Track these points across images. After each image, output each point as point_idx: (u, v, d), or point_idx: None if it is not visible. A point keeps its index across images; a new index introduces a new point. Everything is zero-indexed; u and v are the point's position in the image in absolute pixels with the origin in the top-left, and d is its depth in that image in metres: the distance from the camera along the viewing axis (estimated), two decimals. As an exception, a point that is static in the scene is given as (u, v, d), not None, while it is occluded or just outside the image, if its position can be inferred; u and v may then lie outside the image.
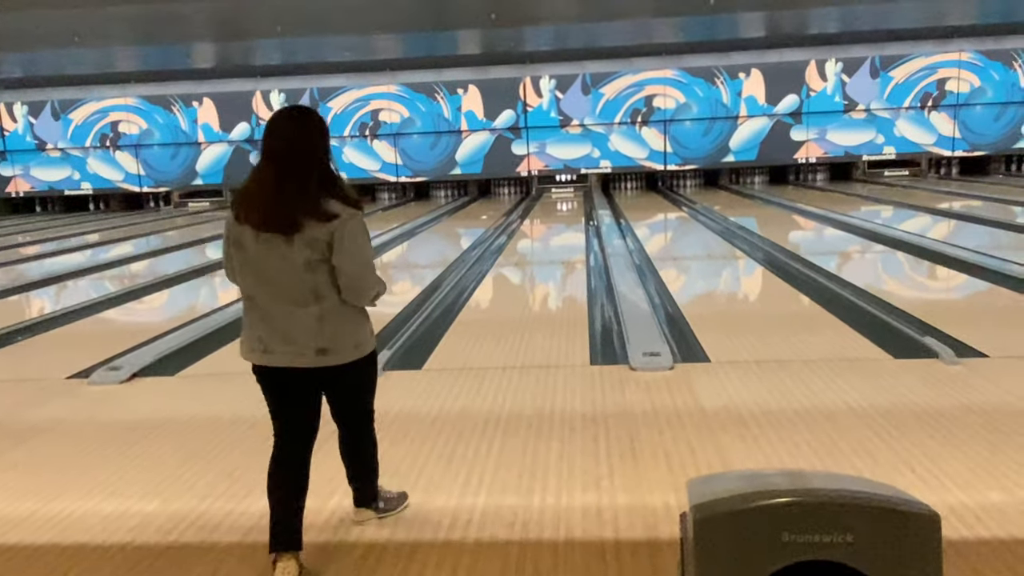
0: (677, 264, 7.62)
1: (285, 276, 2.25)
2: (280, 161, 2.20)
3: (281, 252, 2.24)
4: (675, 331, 5.03)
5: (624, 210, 12.61)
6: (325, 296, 2.26)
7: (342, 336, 2.30)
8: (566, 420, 3.51)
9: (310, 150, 2.21)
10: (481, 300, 6.36)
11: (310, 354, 2.29)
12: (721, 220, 10.61)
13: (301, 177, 2.20)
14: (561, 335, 4.98)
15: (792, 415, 3.46)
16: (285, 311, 2.27)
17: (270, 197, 2.20)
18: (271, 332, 2.29)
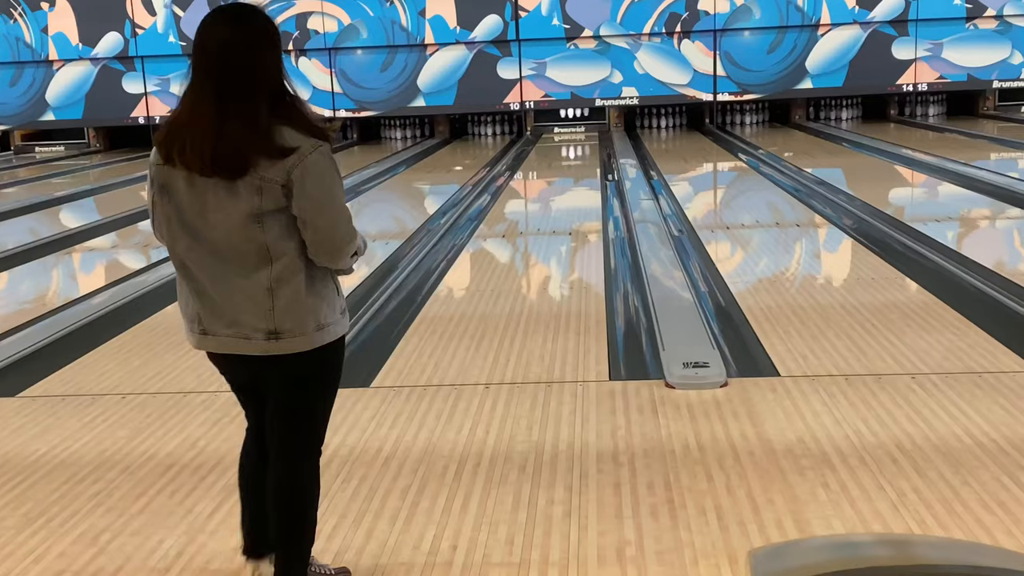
0: (732, 235, 7.62)
1: (226, 233, 2.32)
2: (218, 80, 2.25)
3: (222, 201, 2.30)
4: (729, 332, 5.03)
5: (656, 159, 12.61)
6: (278, 258, 2.33)
7: (300, 312, 2.36)
8: (575, 460, 3.51)
9: (257, 64, 2.27)
10: (454, 287, 6.35)
11: (258, 338, 2.37)
12: (794, 173, 10.63)
13: (247, 100, 2.25)
14: (568, 337, 4.98)
15: (896, 452, 3.46)
16: (226, 281, 2.35)
17: (208, 129, 2.26)
18: (210, 309, 2.40)
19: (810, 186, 9.66)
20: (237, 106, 2.25)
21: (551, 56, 15.77)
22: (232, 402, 4.19)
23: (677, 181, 10.86)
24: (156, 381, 4.61)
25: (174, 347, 5.15)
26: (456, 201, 9.81)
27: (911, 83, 15.61)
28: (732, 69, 15.69)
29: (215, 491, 3.37)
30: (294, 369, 2.43)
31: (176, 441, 3.85)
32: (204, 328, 2.43)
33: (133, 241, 8.76)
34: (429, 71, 15.90)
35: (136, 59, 16.13)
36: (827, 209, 8.48)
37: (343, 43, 15.84)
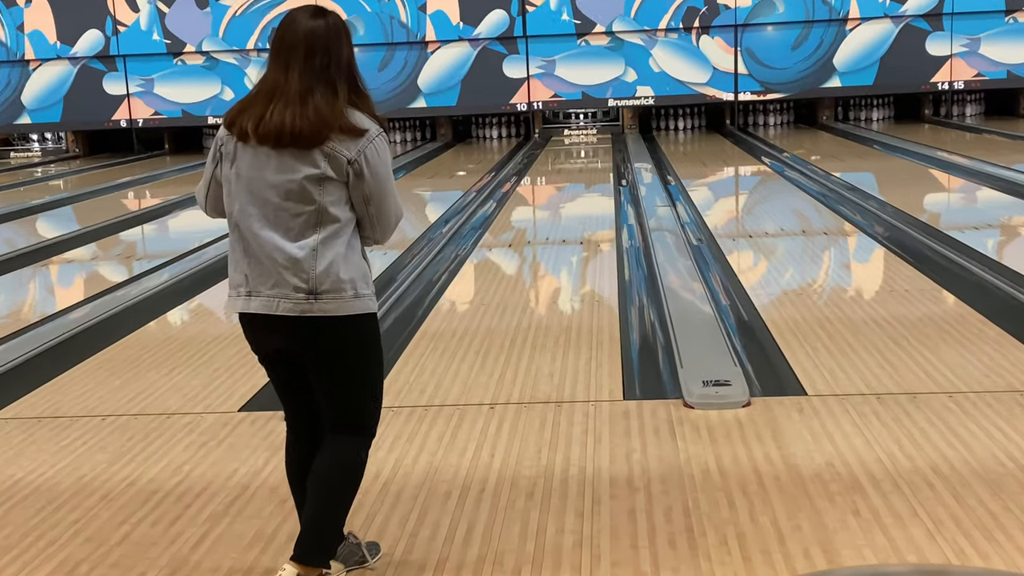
0: (755, 244, 7.62)
1: (286, 194, 2.65)
2: (305, 62, 2.65)
3: (288, 165, 2.65)
4: (752, 347, 5.02)
5: (674, 162, 12.62)
6: (327, 224, 2.67)
7: (339, 276, 2.67)
8: (587, 485, 3.50)
9: (340, 51, 2.70)
10: (457, 300, 6.35)
11: (298, 298, 2.66)
12: (822, 177, 10.63)
13: (330, 81, 2.67)
14: (579, 353, 4.98)
15: (932, 477, 3.45)
16: (275, 241, 2.66)
17: (294, 103, 2.63)
18: (257, 270, 2.70)
19: (839, 191, 9.66)
20: (322, 85, 2.65)
21: (561, 54, 15.80)
22: (220, 424, 4.20)
23: (696, 186, 10.86)
24: (138, 402, 4.61)
25: (157, 365, 5.16)
26: (459, 208, 9.83)
27: (946, 81, 15.60)
28: (754, 67, 15.70)
29: (201, 520, 3.37)
30: (333, 337, 2.69)
31: (159, 466, 3.85)
32: (250, 289, 2.70)
33: (114, 252, 8.79)
34: (430, 70, 15.94)
35: (118, 58, 16.21)
36: (857, 216, 8.48)
37: (338, 40, 15.88)
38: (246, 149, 2.68)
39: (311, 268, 2.65)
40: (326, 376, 2.75)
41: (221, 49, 16.00)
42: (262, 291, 2.70)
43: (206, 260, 7.62)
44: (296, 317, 2.67)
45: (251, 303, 2.71)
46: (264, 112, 2.65)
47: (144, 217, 10.73)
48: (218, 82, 16.04)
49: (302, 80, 2.65)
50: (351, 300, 2.69)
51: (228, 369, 5.01)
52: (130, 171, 14.68)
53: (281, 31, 2.70)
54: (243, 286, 2.72)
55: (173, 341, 5.67)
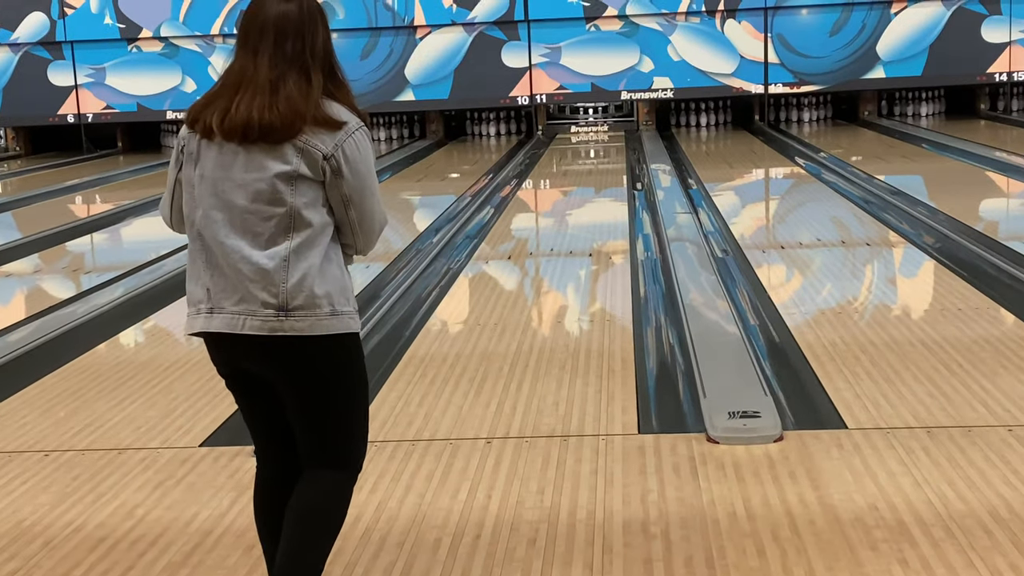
0: (787, 257, 7.63)
1: (255, 195, 2.65)
2: (275, 47, 2.67)
3: (257, 161, 2.65)
4: (785, 374, 5.02)
5: (695, 164, 12.64)
6: (300, 229, 2.66)
7: (313, 290, 2.65)
8: (597, 531, 3.49)
9: (315, 35, 2.72)
10: (449, 320, 6.36)
11: (267, 314, 2.65)
12: (863, 180, 10.64)
13: (304, 68, 2.68)
14: (588, 381, 4.98)
15: (989, 522, 3.45)
16: (242, 250, 2.65)
17: (264, 91, 2.64)
18: (221, 284, 2.68)
19: (883, 196, 9.67)
20: (295, 73, 2.66)
21: (567, 40, 15.86)
22: (179, 461, 4.20)
23: (720, 191, 10.87)
24: (86, 435, 4.60)
25: (107, 393, 5.15)
26: (452, 215, 9.84)
27: (1005, 72, 15.65)
28: (787, 55, 15.75)
29: (157, 571, 3.36)
30: (305, 359, 2.68)
31: (110, 509, 3.84)
32: (212, 305, 2.69)
33: (60, 265, 8.80)
34: (419, 58, 16.00)
35: (65, 45, 16.27)
36: (904, 224, 8.49)
37: (315, 25, 15.93)
38: (211, 147, 2.68)
39: (281, 280, 2.64)
40: (301, 404, 2.75)
41: (182, 35, 16.06)
42: (225, 307, 2.68)
43: (165, 274, 7.63)
44: (264, 337, 2.65)
45: (212, 321, 2.70)
46: (230, 105, 2.66)
47: (94, 225, 10.75)
48: (178, 72, 16.09)
49: (272, 67, 2.66)
50: (327, 318, 2.67)
51: (188, 398, 5.00)
52: (78, 172, 14.71)
53: (249, 14, 2.72)
54: (204, 302, 2.71)
55: (126, 366, 5.67)
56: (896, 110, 16.64)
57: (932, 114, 16.52)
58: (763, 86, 15.85)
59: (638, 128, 16.21)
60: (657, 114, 16.50)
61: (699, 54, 15.78)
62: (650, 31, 15.74)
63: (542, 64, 15.90)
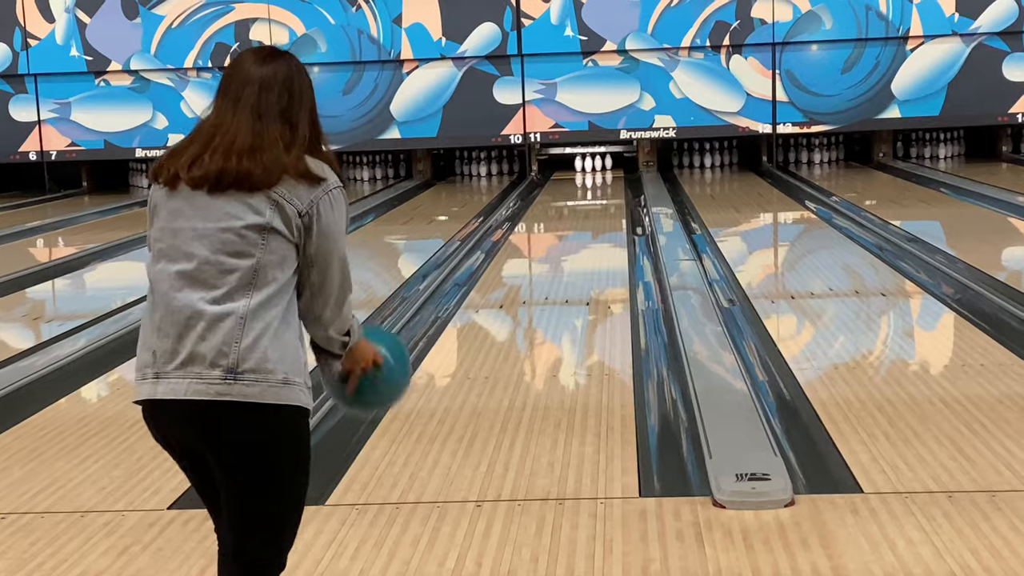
0: (798, 307, 7.64)
1: (216, 245, 2.64)
2: (260, 100, 2.71)
3: (224, 211, 2.65)
4: (796, 433, 5.02)
5: (699, 207, 12.69)
6: (262, 286, 2.64)
7: (266, 354, 2.62)
8: (595, 603, 3.47)
9: (301, 92, 2.77)
10: (436, 373, 6.35)
11: (214, 377, 2.60)
12: (878, 226, 10.68)
13: (289, 121, 2.73)
14: (585, 440, 4.97)
15: (1016, 594, 3.43)
16: (194, 304, 2.63)
17: (243, 137, 2.68)
18: (166, 344, 2.65)
19: (899, 244, 9.70)
20: (279, 123, 2.71)
21: (563, 76, 15.97)
22: (146, 524, 4.17)
23: (726, 236, 10.90)
24: (45, 497, 4.58)
25: (69, 451, 5.13)
26: (440, 261, 9.85)
27: (1028, 111, 15.76)
28: (796, 93, 15.86)
29: (120, 643, 3.33)
30: (246, 431, 2.62)
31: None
32: (158, 371, 2.65)
33: (19, 313, 8.78)
34: (406, 94, 16.07)
35: (28, 78, 16.32)
36: (921, 274, 8.51)
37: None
38: (174, 196, 2.69)
39: (235, 339, 2.60)
40: (229, 485, 2.68)
41: (153, 68, 16.13)
42: (170, 373, 2.63)
43: (131, 323, 7.60)
44: (206, 404, 2.59)
45: (158, 387, 2.65)
46: (202, 152, 2.67)
47: (56, 270, 10.74)
48: (149, 107, 16.16)
49: (255, 116, 2.70)
50: (278, 386, 2.62)
51: (155, 457, 4.97)
52: (40, 214, 14.72)
53: (235, 68, 2.77)
54: (150, 367, 2.67)
55: (89, 422, 5.65)
56: (912, 152, 16.73)
57: (951, 156, 16.61)
58: (771, 125, 15.94)
59: (639, 169, 16.24)
60: (659, 154, 16.57)
61: (703, 91, 15.87)
62: (651, 67, 15.85)
63: (536, 101, 15.98)
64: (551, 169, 16.71)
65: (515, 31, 15.82)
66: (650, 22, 15.76)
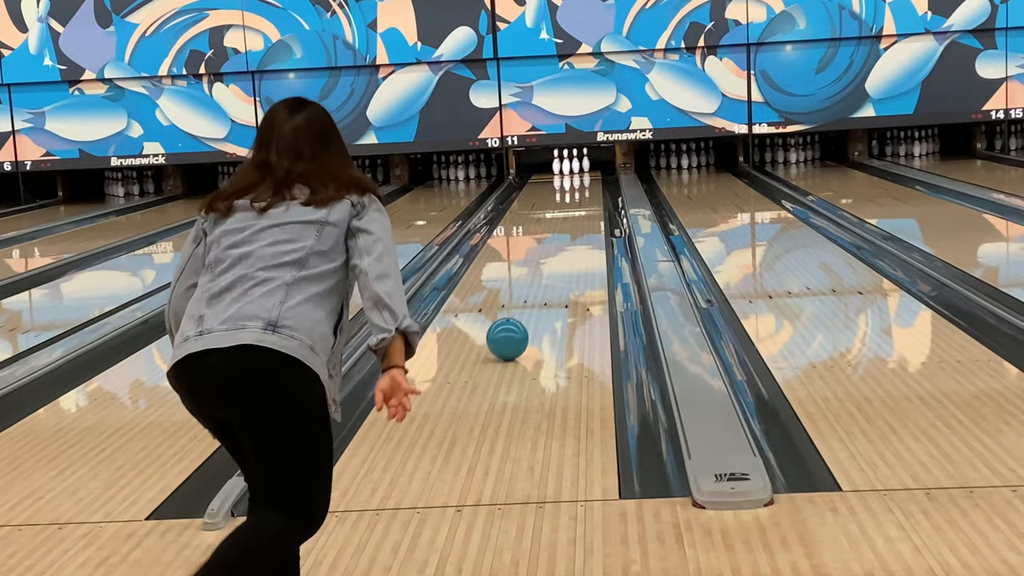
0: (776, 307, 7.66)
1: (275, 238, 3.03)
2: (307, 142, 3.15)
3: (286, 215, 3.07)
4: (775, 432, 5.03)
5: (677, 208, 12.71)
6: (308, 267, 3.01)
7: (303, 319, 2.95)
8: (576, 606, 3.47)
9: (333, 133, 3.22)
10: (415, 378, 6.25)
11: (255, 327, 2.90)
12: (855, 225, 10.71)
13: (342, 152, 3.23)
14: (565, 442, 4.98)
15: (995, 590, 3.44)
16: (250, 280, 2.98)
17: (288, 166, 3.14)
18: (217, 307, 2.97)
19: (875, 242, 9.73)
20: (334, 154, 3.19)
21: (539, 79, 15.98)
22: (124, 536, 4.16)
23: (704, 237, 10.92)
24: (22, 509, 4.56)
25: (46, 463, 5.11)
26: (418, 265, 9.84)
27: (1002, 109, 15.84)
28: (771, 93, 15.91)
29: (99, 655, 3.32)
30: (283, 378, 2.88)
31: (48, 588, 3.80)
32: (202, 329, 2.93)
33: (-5, 324, 8.73)
34: (382, 99, 16.06)
35: (1, 88, 16.23)
36: (898, 272, 8.54)
37: (270, 64, 16.00)
38: (228, 219, 3.09)
39: (279, 300, 2.94)
40: (262, 438, 2.91)
41: (127, 76, 16.07)
42: (214, 327, 2.92)
43: (108, 332, 7.59)
44: (247, 348, 2.86)
45: (201, 341, 2.91)
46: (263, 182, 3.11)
47: (32, 280, 10.68)
48: (124, 115, 16.10)
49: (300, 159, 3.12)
50: (306, 349, 2.91)
51: (135, 467, 4.97)
52: (16, 224, 14.65)
53: (274, 117, 3.19)
54: (193, 329, 2.94)
55: (67, 433, 5.62)
56: (888, 150, 16.78)
57: (926, 154, 16.67)
58: (747, 126, 15.98)
59: (615, 171, 16.24)
60: (636, 156, 16.58)
61: (679, 93, 15.90)
62: (627, 69, 15.87)
63: (513, 104, 15.99)
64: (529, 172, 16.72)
65: (491, 35, 15.82)
66: (625, 24, 15.78)
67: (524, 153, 16.71)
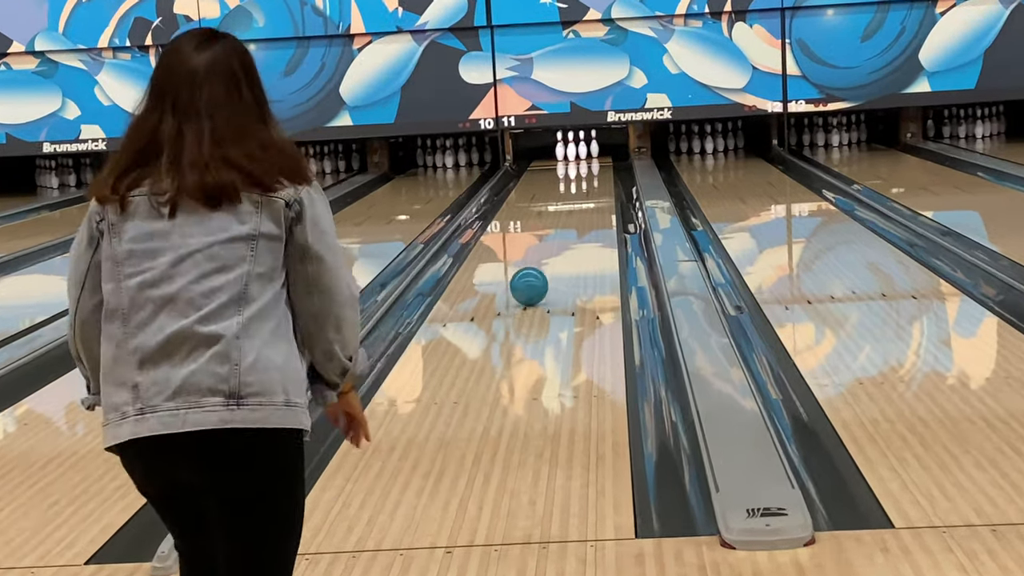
0: (816, 314, 7.66)
1: (199, 264, 2.72)
2: (210, 95, 2.79)
3: (207, 227, 2.73)
4: (815, 460, 5.04)
5: (701, 200, 12.72)
6: (253, 299, 2.74)
7: (269, 371, 2.72)
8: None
9: (258, 78, 2.90)
10: (398, 398, 6.37)
11: (214, 404, 2.68)
12: (907, 218, 10.71)
13: (262, 114, 2.87)
14: (572, 472, 4.97)
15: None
16: (183, 329, 2.70)
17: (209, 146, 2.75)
18: (153, 375, 2.71)
19: (931, 237, 9.73)
20: (253, 121, 2.83)
21: (540, 50, 15.97)
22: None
23: (732, 232, 10.91)
24: (-59, 552, 4.55)
25: (-30, 499, 5.10)
26: (400, 267, 9.84)
27: (1077, 82, 15.83)
28: (810, 66, 15.90)
29: None
30: (250, 461, 2.71)
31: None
32: (143, 406, 2.69)
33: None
34: (358, 74, 16.06)
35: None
36: (958, 272, 8.53)
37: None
38: (134, 214, 2.76)
39: (233, 360, 2.69)
40: (239, 524, 2.77)
41: (62, 48, 16.07)
42: (159, 405, 2.69)
43: (41, 346, 7.58)
44: (207, 433, 2.67)
45: (144, 424, 2.69)
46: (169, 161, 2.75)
47: (-48, 286, 10.68)
48: (58, 94, 16.09)
49: (220, 118, 2.78)
50: (282, 409, 2.73)
51: (72, 503, 4.96)
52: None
53: (172, 57, 2.84)
54: (130, 403, 2.71)
55: (-8, 463, 5.63)
56: (945, 131, 16.77)
57: (989, 135, 16.66)
58: (782, 103, 15.97)
59: (629, 157, 16.24)
60: (653, 139, 16.58)
61: (702, 65, 15.89)
62: (642, 38, 15.86)
63: (509, 80, 15.97)
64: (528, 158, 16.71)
65: (484, 0, 15.83)
66: (639, -14, 15.80)
67: (522, 136, 16.74)
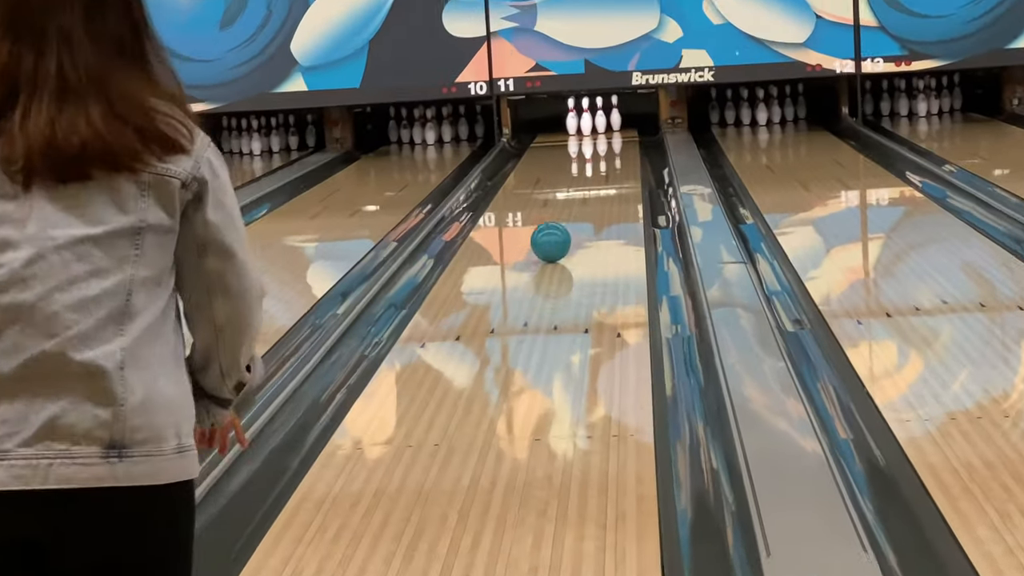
0: (895, 330, 7.69)
1: (68, 260, 2.59)
2: (66, 25, 2.63)
3: (71, 211, 2.60)
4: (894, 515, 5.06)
5: (751, 185, 12.76)
6: (137, 314, 2.63)
7: (160, 411, 2.64)
8: None
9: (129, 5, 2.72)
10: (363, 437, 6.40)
11: (90, 455, 2.58)
12: (1012, 207, 10.72)
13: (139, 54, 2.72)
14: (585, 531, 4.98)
15: None
16: (43, 359, 2.59)
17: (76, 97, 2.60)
18: (13, 416, 2.59)
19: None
20: (124, 64, 2.67)
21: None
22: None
23: (790, 227, 10.95)
24: None
25: None
26: (368, 271, 9.90)
27: None
28: (890, 15, 15.95)
29: None
30: (131, 523, 2.65)
31: None
32: None
33: None
34: (313, 26, 16.13)
35: None
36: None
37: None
38: None
39: (121, 397, 2.59)
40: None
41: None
42: (11, 451, 2.58)
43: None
44: (77, 492, 2.60)
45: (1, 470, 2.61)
46: (10, 124, 2.61)
47: None
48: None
49: (82, 55, 2.64)
50: (172, 458, 2.65)
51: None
52: None
53: None
54: None
55: None
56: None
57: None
58: (854, 62, 16.03)
59: (659, 130, 16.32)
60: (690, 107, 16.63)
61: (753, 15, 15.95)
62: (674, -17, 15.96)
63: (507, 32, 16.04)
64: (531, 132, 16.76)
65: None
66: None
67: (524, 104, 16.78)
